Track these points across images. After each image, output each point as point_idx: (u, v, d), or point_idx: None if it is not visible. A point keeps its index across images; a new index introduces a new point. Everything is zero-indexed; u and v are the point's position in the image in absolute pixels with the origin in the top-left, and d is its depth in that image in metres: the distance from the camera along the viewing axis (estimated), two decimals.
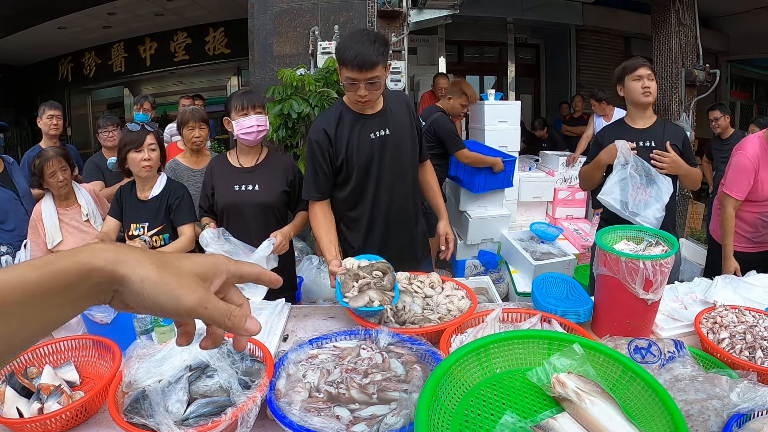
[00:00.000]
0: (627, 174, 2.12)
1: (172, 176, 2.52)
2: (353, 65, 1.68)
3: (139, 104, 4.12)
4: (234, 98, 2.00)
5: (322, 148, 1.87)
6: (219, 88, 8.70)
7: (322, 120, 1.92)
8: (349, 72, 1.71)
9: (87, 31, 7.80)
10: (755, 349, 1.36)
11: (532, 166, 4.85)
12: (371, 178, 1.93)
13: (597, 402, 0.90)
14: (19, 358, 1.38)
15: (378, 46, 1.69)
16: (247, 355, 1.30)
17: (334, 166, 1.90)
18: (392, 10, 4.42)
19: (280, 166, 2.11)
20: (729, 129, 4.39)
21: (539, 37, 8.70)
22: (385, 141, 1.92)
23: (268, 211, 2.06)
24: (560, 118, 7.07)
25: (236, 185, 2.05)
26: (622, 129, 2.36)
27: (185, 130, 2.64)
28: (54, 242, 2.24)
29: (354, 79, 1.72)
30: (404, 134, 1.96)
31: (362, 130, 1.88)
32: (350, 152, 1.88)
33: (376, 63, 1.69)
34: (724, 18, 7.66)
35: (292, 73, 3.87)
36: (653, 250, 1.53)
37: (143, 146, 2.00)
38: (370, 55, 1.67)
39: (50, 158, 2.19)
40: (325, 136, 1.86)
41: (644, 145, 2.27)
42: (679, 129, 2.36)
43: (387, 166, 1.94)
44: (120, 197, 2.09)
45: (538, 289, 1.74)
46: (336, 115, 1.88)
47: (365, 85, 1.73)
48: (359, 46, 1.67)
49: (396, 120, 1.94)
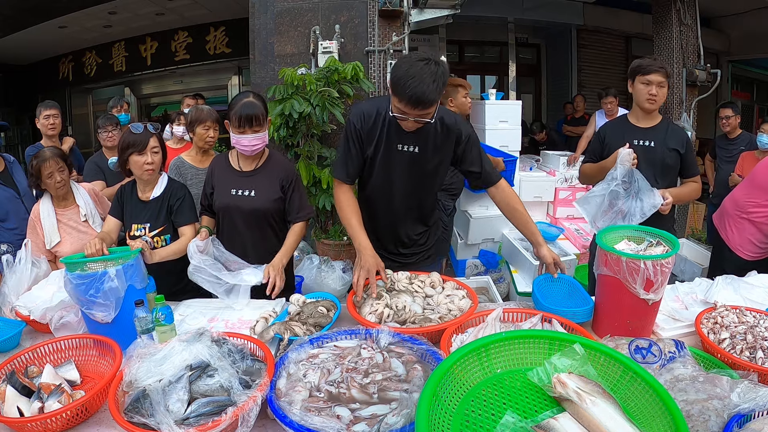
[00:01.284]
0: (610, 189, 2.08)
1: (176, 174, 2.51)
2: (406, 101, 1.60)
3: (119, 106, 4.10)
4: (233, 112, 1.90)
5: (358, 132, 1.84)
6: (220, 87, 8.69)
7: (365, 106, 1.88)
8: (402, 106, 1.63)
9: (87, 31, 7.80)
10: (756, 350, 1.36)
11: (532, 165, 4.84)
12: (382, 187, 1.92)
13: (598, 402, 0.90)
14: (20, 357, 1.38)
15: (438, 85, 1.58)
16: (247, 354, 1.30)
17: (362, 154, 1.88)
18: (393, 9, 4.42)
19: (278, 171, 2.06)
20: (737, 129, 4.39)
21: (540, 37, 8.69)
22: (410, 158, 1.86)
23: (262, 217, 2.04)
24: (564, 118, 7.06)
25: (233, 189, 2.03)
26: (625, 126, 2.34)
27: (200, 128, 2.60)
28: (52, 243, 2.24)
29: (405, 113, 1.65)
30: (433, 160, 1.87)
31: (394, 137, 1.83)
32: (376, 152, 1.87)
33: (433, 103, 1.61)
34: (725, 18, 7.65)
35: (293, 73, 3.87)
36: (654, 250, 1.53)
37: (146, 149, 1.97)
38: (428, 95, 1.57)
39: (47, 159, 2.19)
40: (362, 123, 1.83)
41: (644, 144, 2.25)
42: (682, 132, 2.33)
43: (401, 182, 1.90)
44: (121, 197, 2.08)
45: (538, 288, 1.74)
46: (379, 110, 1.83)
47: (414, 120, 1.67)
48: (418, 84, 1.55)
49: (433, 143, 1.84)
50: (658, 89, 2.21)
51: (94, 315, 1.49)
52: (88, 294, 1.47)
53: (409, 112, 1.64)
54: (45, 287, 1.81)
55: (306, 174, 3.96)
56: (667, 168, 2.27)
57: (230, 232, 2.07)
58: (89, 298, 1.47)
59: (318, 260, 3.50)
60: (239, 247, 2.01)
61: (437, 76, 1.58)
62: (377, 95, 4.61)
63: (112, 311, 1.50)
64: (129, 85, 9.02)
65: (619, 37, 8.18)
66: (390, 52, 4.52)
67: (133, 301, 1.47)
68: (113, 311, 1.50)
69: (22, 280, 1.82)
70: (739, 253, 2.59)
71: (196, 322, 1.71)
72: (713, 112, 5.56)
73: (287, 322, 1.57)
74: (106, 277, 1.49)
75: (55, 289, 1.76)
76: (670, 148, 2.24)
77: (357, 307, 1.66)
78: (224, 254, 1.93)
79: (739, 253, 2.59)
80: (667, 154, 2.25)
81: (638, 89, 2.25)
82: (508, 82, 8.21)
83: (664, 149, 2.24)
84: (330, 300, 1.77)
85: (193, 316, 1.76)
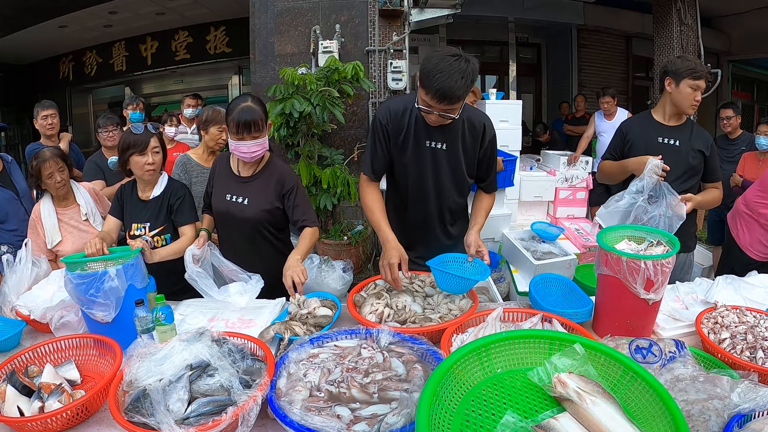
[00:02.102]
0: (637, 203, 2.01)
1: (182, 170, 2.51)
2: (433, 95, 1.60)
3: (135, 104, 4.14)
4: (231, 118, 1.85)
5: (384, 128, 1.85)
6: (220, 87, 8.70)
7: (392, 103, 1.88)
8: (427, 98, 1.63)
9: (88, 30, 7.81)
10: (756, 350, 1.36)
11: (533, 165, 4.84)
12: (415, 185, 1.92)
13: (598, 402, 0.90)
14: (20, 357, 1.38)
15: (464, 83, 1.57)
16: (247, 354, 1.30)
17: (389, 150, 1.89)
18: (393, 9, 4.42)
19: (275, 178, 2.01)
20: (738, 129, 4.38)
21: (540, 37, 8.69)
22: (439, 155, 1.85)
23: (253, 226, 2.01)
24: (561, 118, 7.07)
25: (228, 194, 2.01)
26: (649, 123, 2.26)
27: (214, 129, 2.60)
28: (53, 242, 2.24)
29: (430, 106, 1.65)
30: (458, 159, 1.86)
31: (422, 133, 1.83)
32: (405, 147, 1.86)
33: (459, 99, 1.61)
34: (726, 18, 7.65)
35: (294, 72, 3.87)
36: (654, 249, 1.53)
37: (147, 150, 1.97)
38: (454, 90, 1.57)
39: (47, 159, 2.19)
40: (388, 120, 1.84)
41: (669, 143, 2.19)
42: (707, 134, 2.26)
43: (433, 179, 1.90)
44: (121, 196, 2.08)
45: (536, 290, 1.73)
46: (407, 106, 1.84)
47: (439, 114, 1.67)
48: (447, 79, 1.55)
49: (460, 142, 1.84)
50: (699, 97, 2.14)
51: (95, 314, 1.49)
52: (89, 293, 1.47)
53: (435, 105, 1.63)
54: (45, 287, 1.81)
55: (306, 174, 3.96)
56: (691, 169, 2.20)
57: (226, 237, 2.08)
58: (89, 298, 1.47)
59: (318, 260, 3.50)
60: (234, 252, 2.00)
61: (466, 73, 1.57)
62: (376, 95, 4.61)
63: (112, 311, 1.50)
64: (129, 85, 9.03)
65: (619, 36, 8.18)
66: (390, 52, 4.52)
67: (133, 300, 1.47)
68: (113, 311, 1.50)
69: (22, 279, 1.83)
70: (749, 253, 2.59)
71: (196, 321, 1.71)
72: (714, 112, 5.56)
73: (287, 321, 1.57)
74: (107, 276, 1.49)
75: (55, 288, 1.76)
76: (695, 149, 2.18)
77: (357, 306, 1.66)
78: (221, 261, 1.92)
79: (749, 253, 2.59)
80: (692, 155, 2.19)
81: (684, 92, 2.13)
82: (509, 81, 8.21)
83: (689, 149, 2.18)
84: (330, 300, 1.77)
85: (194, 315, 1.76)
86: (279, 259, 1.93)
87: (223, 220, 2.05)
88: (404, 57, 4.56)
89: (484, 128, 1.87)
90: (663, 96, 2.26)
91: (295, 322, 1.57)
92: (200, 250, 1.87)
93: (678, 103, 2.18)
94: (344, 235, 4.29)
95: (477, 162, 1.91)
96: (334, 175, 4.01)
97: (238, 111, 1.84)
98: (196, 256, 1.84)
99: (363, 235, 4.33)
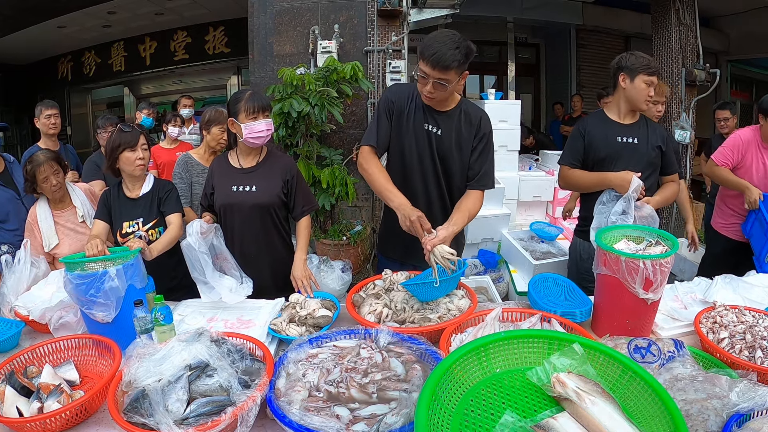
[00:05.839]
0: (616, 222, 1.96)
1: (183, 169, 2.61)
2: (428, 61, 1.73)
3: (150, 110, 4.20)
4: (243, 101, 1.98)
5: (391, 103, 1.96)
6: (219, 87, 8.69)
7: (401, 85, 2.07)
8: (424, 66, 1.76)
9: (87, 30, 7.80)
10: (755, 349, 1.36)
11: (532, 165, 4.85)
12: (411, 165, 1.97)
13: (597, 401, 0.90)
14: (19, 357, 1.38)
15: (458, 53, 1.71)
16: (246, 354, 1.30)
17: (391, 124, 1.97)
18: (392, 9, 4.42)
19: (279, 166, 2.11)
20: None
21: (539, 37, 8.69)
22: (433, 138, 1.94)
23: (264, 212, 2.07)
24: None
25: (234, 185, 2.06)
26: (605, 123, 2.24)
27: (216, 129, 2.67)
28: (50, 245, 2.24)
29: (426, 74, 1.77)
30: (451, 148, 1.94)
31: (421, 116, 1.94)
32: (407, 122, 1.94)
33: (450, 67, 1.72)
34: (725, 18, 7.65)
35: (292, 72, 3.87)
36: (653, 249, 1.53)
37: (137, 146, 2.03)
38: (447, 58, 1.70)
39: (42, 163, 2.19)
40: (396, 97, 1.97)
41: (628, 142, 2.17)
42: (661, 129, 2.27)
43: (428, 160, 1.96)
44: (107, 200, 2.09)
45: (534, 290, 1.73)
46: (412, 92, 1.97)
47: (433, 83, 1.77)
48: (441, 46, 1.70)
49: (454, 131, 1.94)
50: (656, 96, 2.15)
51: (95, 315, 1.49)
52: (89, 294, 1.47)
53: (429, 72, 1.75)
54: (44, 287, 1.81)
55: (305, 174, 3.96)
56: (651, 165, 2.20)
57: (231, 229, 2.09)
58: (89, 298, 1.47)
59: (317, 260, 3.50)
60: (239, 245, 2.04)
61: (460, 44, 1.72)
62: (375, 95, 4.61)
63: (112, 311, 1.50)
64: (128, 85, 9.03)
65: (618, 36, 8.18)
66: (389, 52, 4.52)
67: (132, 300, 1.47)
68: (114, 311, 1.50)
69: (21, 280, 1.82)
70: (725, 232, 2.85)
71: (195, 321, 1.71)
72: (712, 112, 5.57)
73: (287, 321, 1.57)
74: (107, 276, 1.49)
75: (54, 289, 1.76)
76: (654, 146, 2.19)
77: (356, 306, 1.66)
78: (222, 249, 1.93)
79: (725, 232, 2.85)
80: (651, 152, 2.19)
81: (639, 88, 2.12)
82: (507, 81, 8.21)
83: (649, 147, 2.18)
84: (329, 300, 1.77)
85: (193, 316, 1.76)
86: (284, 247, 2.15)
87: (230, 212, 2.08)
88: (403, 57, 4.56)
89: (480, 120, 1.97)
90: (617, 93, 2.23)
91: (294, 323, 1.57)
92: (208, 226, 1.90)
93: (632, 99, 2.17)
94: (343, 235, 4.28)
95: (471, 151, 1.97)
96: (332, 175, 4.01)
97: (249, 95, 2.00)
98: (203, 228, 1.86)
99: (362, 235, 4.33)
